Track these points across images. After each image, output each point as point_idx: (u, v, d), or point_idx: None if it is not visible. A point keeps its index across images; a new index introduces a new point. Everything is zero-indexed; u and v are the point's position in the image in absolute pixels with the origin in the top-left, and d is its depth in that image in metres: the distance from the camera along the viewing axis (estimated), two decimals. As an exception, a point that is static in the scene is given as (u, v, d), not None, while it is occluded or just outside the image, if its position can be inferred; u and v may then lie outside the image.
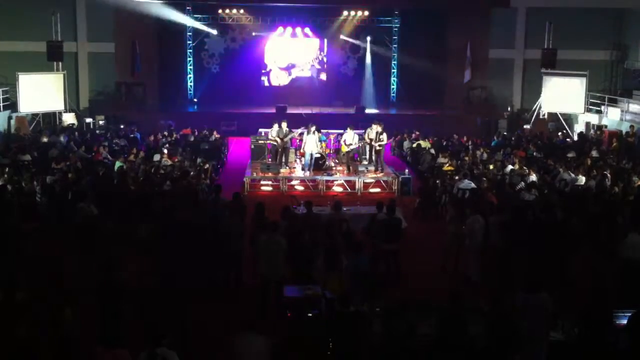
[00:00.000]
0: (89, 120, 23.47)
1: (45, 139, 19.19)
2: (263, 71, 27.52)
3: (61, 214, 11.90)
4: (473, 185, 13.96)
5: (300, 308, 8.26)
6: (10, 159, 16.01)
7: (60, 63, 23.20)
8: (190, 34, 26.74)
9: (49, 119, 23.09)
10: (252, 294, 9.46)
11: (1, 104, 22.05)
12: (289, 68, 27.78)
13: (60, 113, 23.15)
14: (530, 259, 10.14)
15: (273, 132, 17.90)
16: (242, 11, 25.78)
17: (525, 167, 15.71)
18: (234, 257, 10.21)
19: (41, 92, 22.32)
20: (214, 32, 26.55)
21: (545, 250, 10.17)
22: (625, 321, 7.34)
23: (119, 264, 8.86)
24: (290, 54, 27.60)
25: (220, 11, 25.84)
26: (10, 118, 21.93)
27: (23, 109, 21.95)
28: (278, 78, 27.74)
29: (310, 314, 8.02)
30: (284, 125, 17.77)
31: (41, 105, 22.55)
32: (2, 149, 17.51)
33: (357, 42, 27.32)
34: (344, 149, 18.09)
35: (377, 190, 16.91)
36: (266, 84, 27.60)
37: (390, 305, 7.61)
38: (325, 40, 27.30)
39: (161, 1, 24.04)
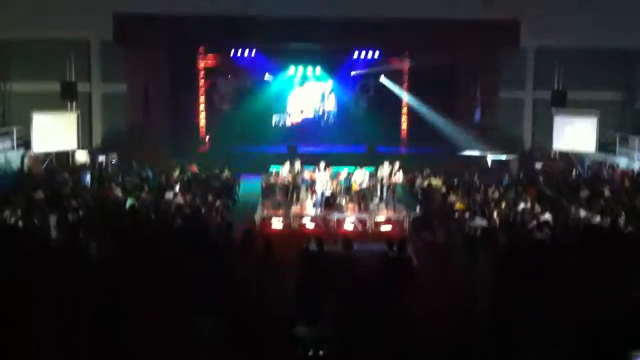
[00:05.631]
0: (101, 158, 23.65)
1: (58, 177, 19.32)
2: (280, 115, 27.94)
3: (74, 252, 11.87)
4: (484, 223, 13.89)
5: (309, 346, 8.16)
6: (24, 197, 16.10)
7: (74, 103, 23.51)
8: (202, 73, 27.09)
9: (62, 158, 23.26)
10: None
11: (15, 143, 22.30)
12: (302, 111, 28.12)
13: (73, 152, 23.35)
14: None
15: (284, 170, 17.98)
16: (254, 52, 26.15)
17: (537, 206, 15.64)
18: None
19: (54, 131, 22.49)
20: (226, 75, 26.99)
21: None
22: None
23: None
24: (303, 99, 28.01)
25: (232, 52, 26.23)
26: (23, 157, 22.11)
27: (36, 149, 22.11)
28: (293, 118, 28.08)
29: (321, 352, 7.92)
30: (297, 163, 17.86)
31: (54, 145, 22.65)
32: (15, 187, 17.63)
33: (367, 82, 27.57)
34: (355, 187, 18.13)
35: (388, 228, 16.87)
36: (284, 123, 27.96)
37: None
38: (336, 80, 27.61)
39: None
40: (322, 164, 17.77)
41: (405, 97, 27.56)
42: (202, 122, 27.51)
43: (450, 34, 22.86)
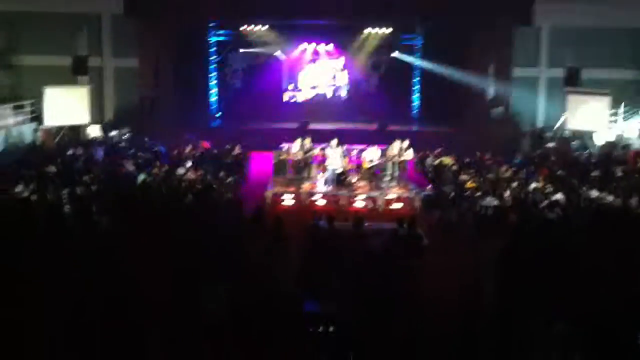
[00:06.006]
0: (113, 133, 23.67)
1: (70, 151, 19.41)
2: (292, 91, 27.88)
3: (86, 226, 11.96)
4: (496, 202, 13.87)
5: (320, 323, 8.20)
6: (36, 170, 16.19)
7: (85, 77, 23.49)
8: (214, 49, 27.02)
9: (74, 132, 23.32)
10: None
11: (28, 117, 22.37)
12: (314, 87, 28.10)
13: (85, 126, 23.40)
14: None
15: (295, 147, 17.98)
16: (265, 28, 26.01)
17: (549, 185, 15.58)
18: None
19: (66, 106, 22.52)
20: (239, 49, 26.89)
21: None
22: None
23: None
24: (315, 76, 27.93)
25: (243, 28, 26.10)
26: (35, 130, 22.18)
27: (48, 122, 22.17)
28: (304, 95, 28.06)
29: (331, 329, 7.97)
30: (308, 140, 17.86)
31: (66, 119, 22.69)
32: (28, 160, 17.72)
33: (379, 58, 27.43)
34: (366, 165, 18.12)
35: (399, 206, 16.87)
36: (295, 100, 27.95)
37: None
38: (348, 57, 27.49)
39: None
40: (334, 142, 17.75)
41: (419, 71, 27.45)
42: (214, 97, 27.51)
43: (464, 11, 22.59)
